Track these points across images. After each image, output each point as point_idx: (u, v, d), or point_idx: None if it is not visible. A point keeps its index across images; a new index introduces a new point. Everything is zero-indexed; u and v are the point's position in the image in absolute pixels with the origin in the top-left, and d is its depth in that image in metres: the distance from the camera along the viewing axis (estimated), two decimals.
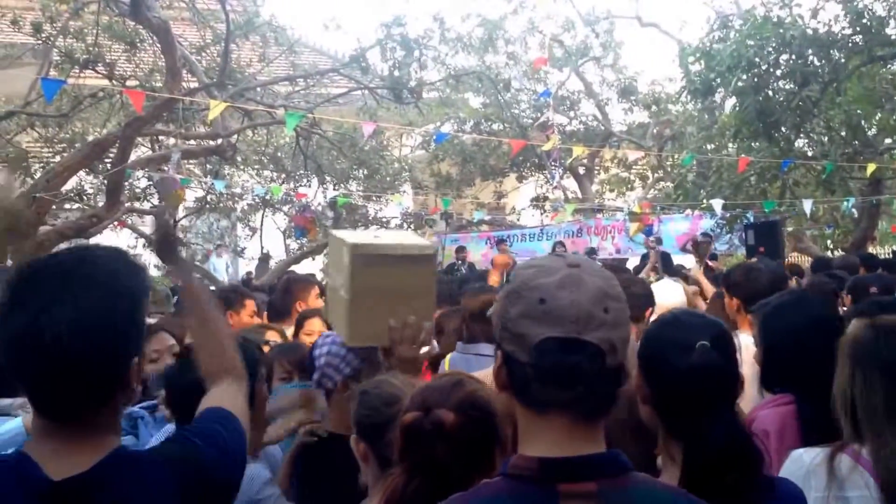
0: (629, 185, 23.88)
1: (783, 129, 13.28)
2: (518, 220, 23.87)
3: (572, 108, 23.27)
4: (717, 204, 14.80)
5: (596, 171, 23.99)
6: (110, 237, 17.10)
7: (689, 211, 18.27)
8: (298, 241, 21.01)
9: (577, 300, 1.53)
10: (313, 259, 20.29)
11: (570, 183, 23.62)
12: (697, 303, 6.83)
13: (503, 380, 1.60)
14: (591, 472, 1.51)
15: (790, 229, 17.93)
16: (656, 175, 22.87)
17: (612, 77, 23.01)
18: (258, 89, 14.04)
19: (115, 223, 15.28)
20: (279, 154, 19.06)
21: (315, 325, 4.98)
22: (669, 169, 20.71)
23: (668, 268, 11.92)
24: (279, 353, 4.07)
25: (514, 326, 1.56)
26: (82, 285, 1.70)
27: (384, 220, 22.09)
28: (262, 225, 21.04)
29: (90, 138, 13.51)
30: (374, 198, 20.65)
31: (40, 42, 12.73)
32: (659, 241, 10.61)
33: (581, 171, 23.00)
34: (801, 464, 2.43)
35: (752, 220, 15.43)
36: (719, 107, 16.42)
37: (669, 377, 2.12)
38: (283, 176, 19.39)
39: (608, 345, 1.52)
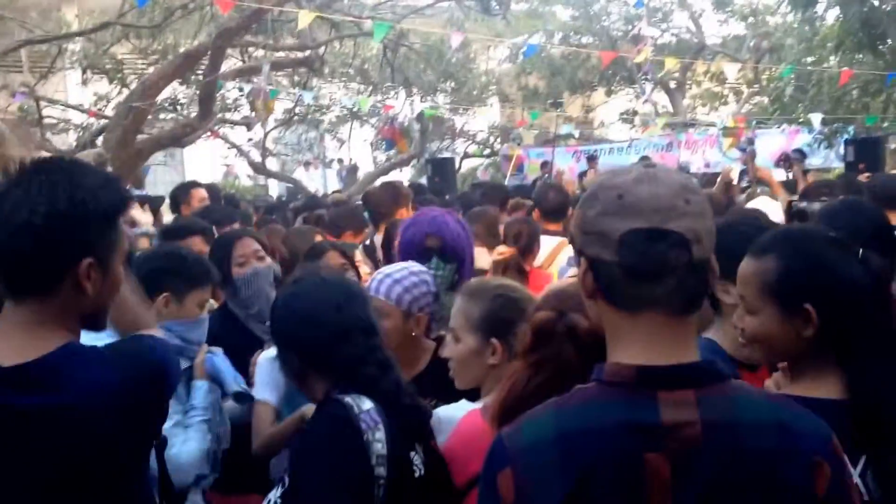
0: (722, 100, 23.27)
1: (889, 40, 12.81)
2: (606, 134, 23.53)
3: (665, 20, 22.65)
4: (816, 118, 14.40)
5: (688, 86, 23.42)
6: (203, 146, 17.51)
7: (784, 126, 17.78)
8: (386, 153, 21.15)
9: (656, 192, 1.52)
10: (401, 171, 20.40)
11: (661, 97, 23.11)
12: None
13: (590, 286, 1.58)
14: (690, 381, 1.51)
15: (894, 146, 17.31)
16: (752, 89, 22.23)
17: None
18: (346, 0, 13.98)
19: (208, 133, 15.60)
20: (366, 66, 19.05)
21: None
22: (766, 83, 20.10)
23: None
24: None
25: (595, 225, 1.54)
26: (54, 181, 1.83)
27: (470, 132, 22.00)
28: (349, 137, 21.21)
29: (182, 50, 13.66)
30: (461, 110, 20.58)
31: None
32: (753, 153, 10.32)
33: (672, 84, 22.45)
34: None
35: (852, 135, 14.95)
36: (821, 17, 15.86)
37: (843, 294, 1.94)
38: (371, 88, 19.39)
39: (693, 234, 1.50)
